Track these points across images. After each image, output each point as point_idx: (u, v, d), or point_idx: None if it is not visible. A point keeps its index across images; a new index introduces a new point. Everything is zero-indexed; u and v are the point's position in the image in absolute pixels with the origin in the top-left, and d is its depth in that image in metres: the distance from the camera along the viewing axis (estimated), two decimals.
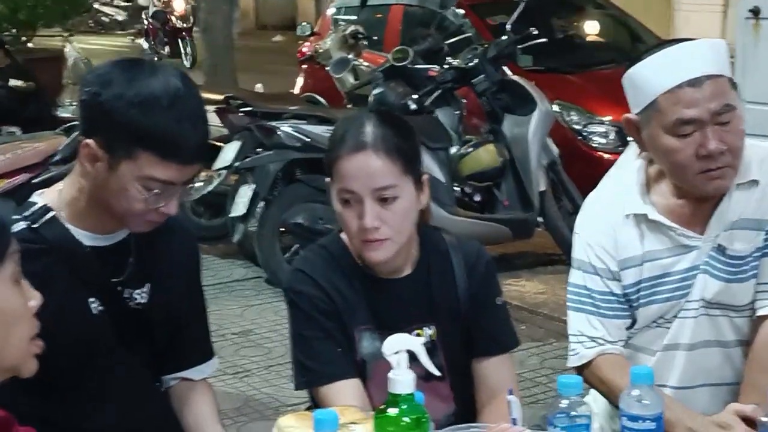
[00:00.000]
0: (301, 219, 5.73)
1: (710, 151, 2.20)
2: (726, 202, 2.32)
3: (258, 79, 9.39)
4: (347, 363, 2.20)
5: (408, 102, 6.17)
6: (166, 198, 2.03)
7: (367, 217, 2.13)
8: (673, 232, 2.33)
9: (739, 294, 2.33)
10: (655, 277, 2.35)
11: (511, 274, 6.19)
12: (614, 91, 7.58)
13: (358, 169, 2.14)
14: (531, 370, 4.76)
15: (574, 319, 2.42)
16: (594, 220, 2.42)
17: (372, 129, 2.16)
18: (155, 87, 1.97)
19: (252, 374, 4.83)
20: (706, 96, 2.19)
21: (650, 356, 2.40)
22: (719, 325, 2.36)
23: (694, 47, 2.26)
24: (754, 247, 2.31)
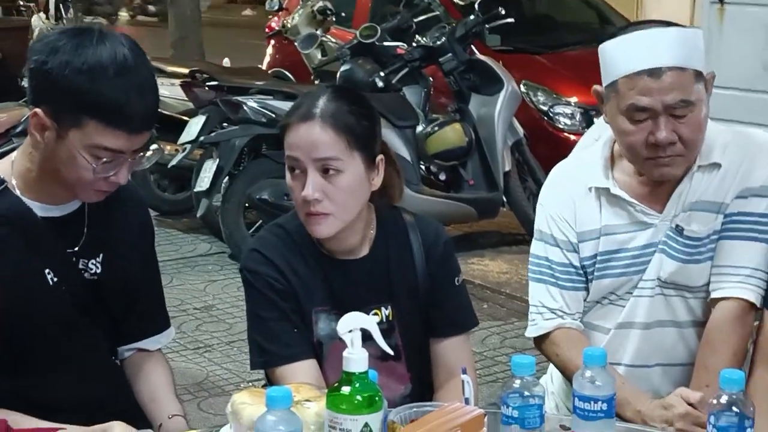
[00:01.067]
0: (266, 194, 5.71)
1: (658, 140, 2.23)
2: (686, 183, 2.34)
3: (226, 53, 9.33)
4: (303, 344, 2.21)
5: (375, 79, 6.16)
6: (115, 167, 2.02)
7: (308, 187, 2.13)
8: (632, 208, 2.36)
9: (695, 275, 2.35)
10: (611, 252, 2.38)
11: (475, 253, 6.22)
12: (581, 72, 7.70)
13: (303, 137, 2.14)
14: (492, 349, 4.79)
15: (534, 289, 2.45)
16: (557, 192, 2.46)
17: (324, 101, 2.16)
18: (102, 55, 1.96)
19: (213, 349, 4.83)
20: (663, 87, 2.20)
21: (604, 334, 2.43)
22: (674, 305, 2.38)
23: (663, 35, 2.25)
24: (711, 229, 2.33)
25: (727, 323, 2.28)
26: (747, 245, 2.30)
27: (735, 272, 2.29)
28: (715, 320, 2.31)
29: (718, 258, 2.33)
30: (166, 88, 6.87)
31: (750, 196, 2.30)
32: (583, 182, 2.41)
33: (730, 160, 2.33)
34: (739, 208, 2.31)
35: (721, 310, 2.31)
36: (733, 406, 1.75)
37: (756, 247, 2.29)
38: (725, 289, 2.30)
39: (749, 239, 2.30)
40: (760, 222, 2.30)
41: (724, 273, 2.31)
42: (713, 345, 2.29)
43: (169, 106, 6.80)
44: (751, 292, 2.28)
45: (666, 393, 2.29)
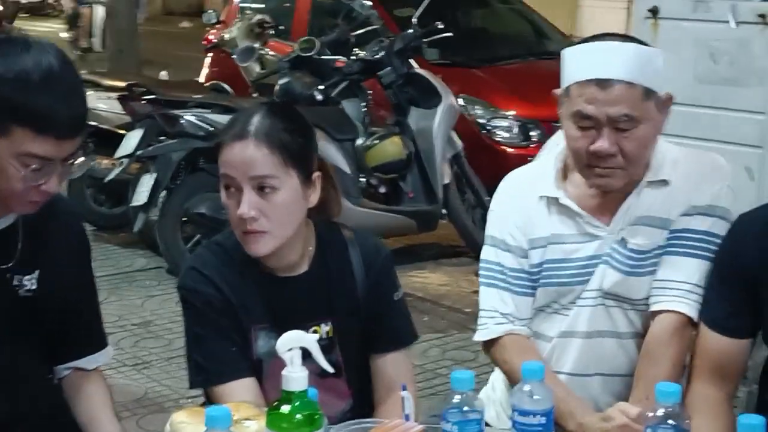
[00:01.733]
0: (204, 208, 5.67)
1: (598, 150, 2.26)
2: (634, 198, 2.37)
3: (164, 66, 9.29)
4: (242, 362, 2.19)
5: (314, 92, 6.15)
6: (46, 175, 2.00)
7: (243, 205, 2.12)
8: (581, 219, 2.39)
9: (636, 288, 2.37)
10: (557, 260, 2.41)
11: (415, 265, 6.23)
12: (518, 86, 7.76)
13: (238, 156, 2.13)
14: (432, 362, 4.79)
15: (485, 294, 2.46)
16: (510, 199, 2.49)
17: (258, 119, 2.15)
18: (27, 63, 1.94)
19: (152, 366, 4.78)
20: (609, 99, 2.23)
21: (547, 342, 2.45)
22: (615, 316, 2.40)
23: (619, 48, 2.28)
24: (655, 244, 2.35)
25: (665, 335, 2.30)
26: (689, 261, 2.32)
27: (676, 286, 2.31)
28: (654, 332, 2.33)
29: (660, 272, 2.35)
30: (102, 102, 6.81)
31: (696, 214, 2.33)
32: (535, 190, 2.44)
33: (678, 177, 2.36)
34: (685, 225, 2.34)
35: (660, 322, 2.33)
36: (670, 419, 1.76)
37: (698, 264, 2.32)
38: (665, 302, 2.32)
39: (692, 256, 2.32)
40: (704, 240, 2.32)
41: (665, 287, 2.33)
42: (652, 357, 2.31)
43: (105, 120, 6.73)
44: (691, 307, 2.30)
45: (605, 403, 2.31)
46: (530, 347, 2.41)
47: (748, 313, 2.21)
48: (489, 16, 9.01)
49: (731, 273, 2.23)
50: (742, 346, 2.24)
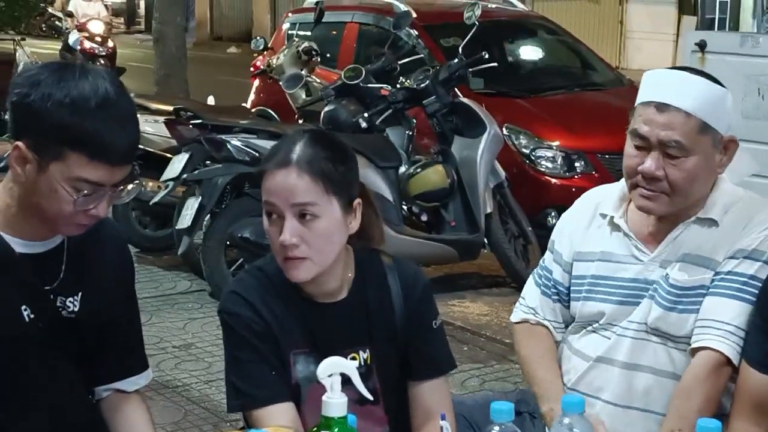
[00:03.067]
0: (248, 233, 5.70)
1: (644, 170, 2.34)
2: (681, 229, 2.42)
3: (211, 91, 9.36)
4: (281, 386, 2.20)
5: (359, 120, 6.19)
6: (96, 200, 2.03)
7: (285, 232, 2.14)
8: (629, 241, 2.46)
9: (677, 324, 2.38)
10: (602, 277, 2.49)
11: (455, 294, 6.22)
12: (563, 116, 7.75)
13: (280, 184, 2.15)
14: (471, 392, 4.77)
15: (528, 284, 2.70)
16: (576, 211, 2.62)
17: (301, 147, 2.17)
18: (84, 88, 1.97)
19: (191, 389, 4.80)
20: (663, 123, 2.31)
21: (585, 362, 2.50)
22: (656, 352, 2.42)
23: (687, 79, 2.38)
24: (698, 282, 2.37)
25: (703, 372, 2.31)
26: (733, 303, 2.33)
27: (718, 326, 2.32)
28: (692, 368, 2.34)
29: (703, 312, 2.36)
30: (149, 125, 6.89)
31: (742, 258, 2.35)
32: (599, 207, 2.55)
33: (728, 219, 2.39)
34: (730, 267, 2.36)
35: (699, 359, 2.33)
36: None
37: (741, 307, 2.32)
38: (705, 340, 2.33)
39: (736, 298, 2.33)
40: (749, 284, 2.33)
41: (707, 326, 2.34)
42: (687, 391, 2.31)
43: (152, 143, 6.81)
44: (731, 347, 2.30)
45: None
46: (538, 333, 2.59)
47: None
48: (535, 47, 9.01)
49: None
50: None
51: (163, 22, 10.87)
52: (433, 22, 8.04)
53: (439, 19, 8.19)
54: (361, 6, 8.86)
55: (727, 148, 2.38)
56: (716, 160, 2.37)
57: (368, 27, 8.49)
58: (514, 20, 8.85)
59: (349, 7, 8.92)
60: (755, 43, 4.42)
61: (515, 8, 9.08)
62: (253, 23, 25.16)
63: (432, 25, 7.96)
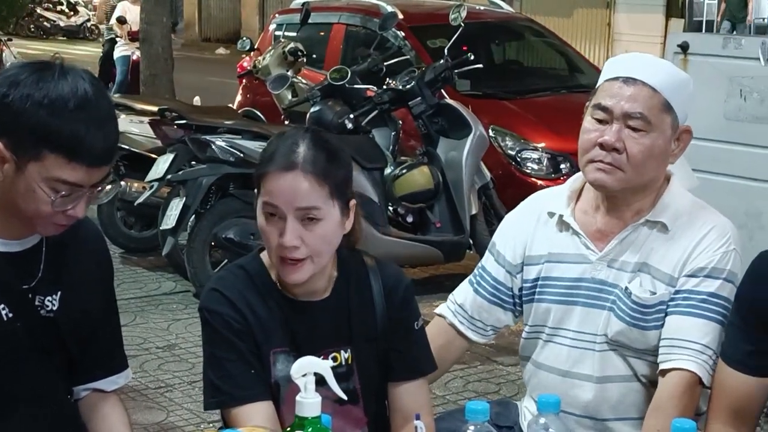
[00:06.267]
0: (232, 234, 5.70)
1: (605, 141, 2.34)
2: (630, 230, 2.42)
3: (199, 92, 9.36)
4: (260, 385, 2.19)
5: (345, 121, 6.18)
6: (74, 200, 2.02)
7: (287, 235, 2.13)
8: (578, 239, 2.46)
9: (640, 340, 2.40)
10: (549, 278, 2.49)
11: (440, 296, 6.15)
12: (549, 118, 7.75)
13: (286, 187, 2.14)
14: (454, 393, 4.78)
15: (463, 282, 2.69)
16: (521, 213, 2.61)
17: (304, 149, 2.16)
18: (64, 89, 1.97)
19: (174, 389, 4.79)
20: (629, 95, 2.33)
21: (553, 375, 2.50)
22: (621, 362, 2.43)
23: (654, 60, 2.43)
24: (659, 299, 2.37)
25: (677, 391, 2.30)
26: (699, 322, 2.33)
27: (687, 346, 2.32)
28: (664, 388, 2.33)
29: (669, 330, 2.36)
30: (134, 126, 6.89)
31: (702, 277, 2.35)
32: (546, 207, 2.52)
33: (679, 230, 2.39)
34: (691, 286, 2.36)
35: (671, 378, 2.32)
36: None
37: (705, 325, 2.32)
38: (676, 361, 2.32)
39: (699, 316, 2.33)
40: (709, 301, 2.33)
41: (676, 346, 2.33)
42: (661, 410, 2.30)
43: (137, 144, 6.80)
44: (701, 367, 2.30)
45: None
46: (443, 334, 2.64)
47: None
48: (522, 49, 9.03)
49: (752, 311, 2.22)
50: (762, 385, 2.23)
51: (149, 23, 10.84)
52: (420, 24, 8.05)
53: (426, 20, 8.20)
54: (348, 7, 8.87)
55: (681, 138, 2.40)
56: (671, 147, 2.38)
57: (354, 28, 8.49)
58: (500, 22, 8.87)
59: (336, 8, 8.92)
60: (737, 44, 4.43)
61: (502, 10, 9.09)
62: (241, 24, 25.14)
63: (418, 27, 7.97)
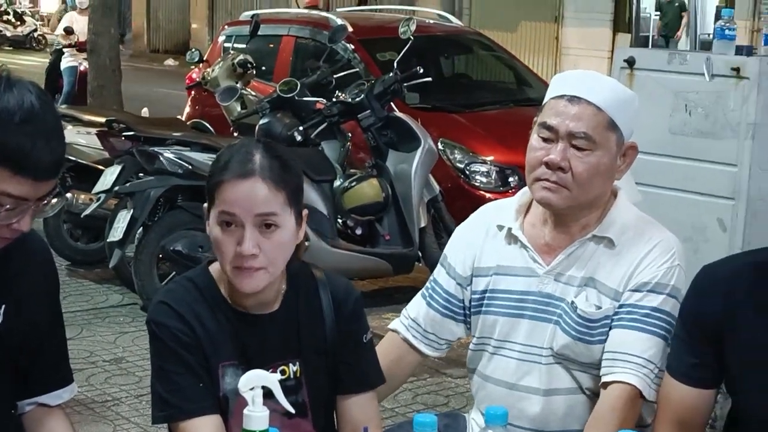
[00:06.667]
0: (180, 246, 5.66)
1: (550, 160, 2.36)
2: (577, 245, 2.44)
3: (147, 103, 9.30)
4: (208, 399, 2.18)
5: (294, 133, 6.18)
6: (18, 214, 2.00)
7: (246, 243, 2.12)
8: (526, 252, 2.48)
9: (585, 354, 2.42)
10: (497, 291, 2.51)
11: (389, 308, 6.22)
12: (498, 131, 7.80)
13: (244, 194, 2.13)
14: (403, 405, 4.78)
15: (416, 295, 2.69)
16: (471, 225, 2.62)
17: (259, 157, 2.16)
18: (9, 102, 1.94)
19: (121, 403, 4.75)
20: (573, 114, 2.35)
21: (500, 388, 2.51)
22: (566, 375, 2.45)
23: (599, 78, 2.43)
24: (604, 314, 2.40)
25: (617, 403, 2.33)
26: (641, 336, 2.35)
27: (628, 359, 2.34)
28: (605, 401, 2.35)
29: (611, 344, 2.38)
30: (82, 137, 6.83)
31: (646, 291, 2.38)
32: (496, 220, 2.54)
33: (625, 245, 2.42)
34: (635, 300, 2.38)
35: (612, 391, 2.35)
36: None
37: (648, 339, 2.35)
38: (617, 374, 2.34)
39: (644, 331, 2.36)
40: (652, 316, 2.36)
41: (618, 359, 2.36)
42: (601, 423, 2.33)
43: (84, 155, 6.74)
44: (642, 380, 2.33)
45: None
46: (396, 349, 2.64)
47: (712, 363, 2.22)
48: (471, 63, 9.08)
49: (696, 324, 2.24)
50: (706, 397, 2.26)
51: (97, 33, 10.76)
52: (370, 37, 8.07)
53: (376, 33, 8.23)
54: (297, 19, 8.87)
55: (627, 154, 2.43)
56: (617, 163, 2.41)
57: (304, 40, 8.50)
58: (450, 36, 8.91)
59: (285, 21, 8.92)
60: (683, 60, 4.50)
61: (451, 24, 9.14)
62: (190, 36, 25.04)
63: (368, 40, 7.99)
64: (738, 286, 2.19)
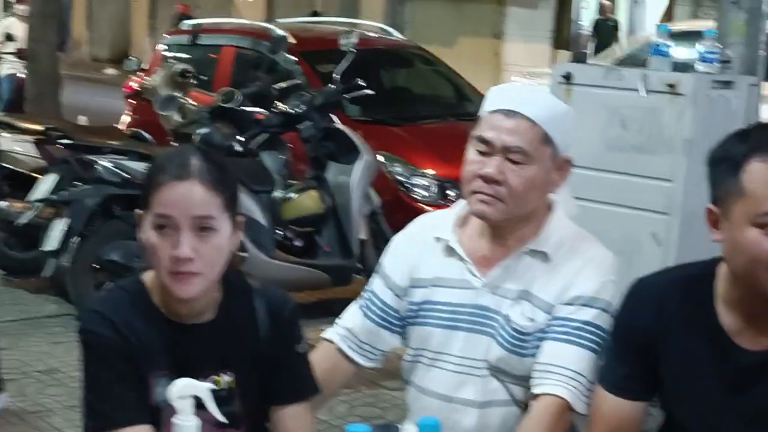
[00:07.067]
0: (116, 256, 5.61)
1: (485, 174, 2.37)
2: (513, 259, 2.45)
3: (86, 111, 9.21)
4: (140, 408, 2.16)
5: (233, 143, 6.15)
6: None
7: (183, 246, 2.10)
8: (463, 265, 2.48)
9: (518, 367, 2.43)
10: (434, 302, 2.51)
11: (328, 320, 6.12)
12: (438, 145, 7.84)
13: (181, 196, 2.11)
14: (339, 417, 4.77)
15: (351, 304, 2.71)
16: (409, 235, 2.62)
17: (197, 161, 2.15)
18: None
19: (54, 414, 4.68)
20: (509, 129, 2.36)
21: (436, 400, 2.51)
22: (501, 387, 2.47)
23: (534, 91, 2.48)
24: (538, 327, 2.42)
25: (546, 416, 2.34)
26: (572, 349, 2.37)
27: (558, 371, 2.36)
28: (536, 414, 2.36)
29: (542, 356, 2.39)
30: (18, 145, 6.74)
31: (579, 305, 2.40)
32: (433, 232, 2.54)
33: (560, 259, 2.43)
34: (567, 313, 2.40)
35: (541, 403, 2.36)
36: None
37: (578, 352, 2.37)
38: (547, 386, 2.36)
39: (573, 343, 2.37)
40: (584, 329, 2.38)
41: (548, 371, 2.37)
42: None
43: (20, 163, 6.66)
44: (572, 393, 2.34)
45: None
46: (330, 359, 2.64)
47: (644, 376, 2.25)
48: (412, 76, 9.11)
49: (628, 336, 2.27)
50: (638, 410, 2.28)
51: (35, 40, 10.64)
52: (311, 48, 8.07)
53: (317, 45, 8.22)
54: (239, 30, 8.84)
55: (562, 168, 2.45)
56: (552, 177, 2.43)
57: (245, 51, 8.46)
58: (391, 49, 8.94)
59: (226, 31, 8.89)
60: (619, 76, 4.55)
61: (392, 37, 9.18)
62: (131, 44, 24.85)
63: (310, 51, 7.98)
64: (670, 299, 2.22)
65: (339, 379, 2.69)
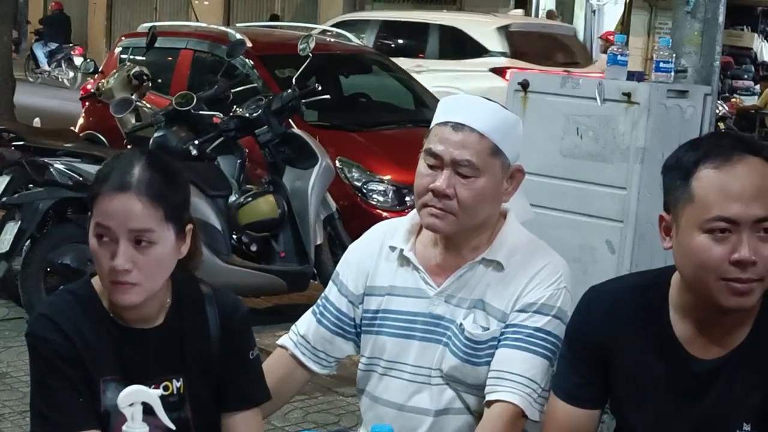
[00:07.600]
0: (68, 259, 5.56)
1: (435, 188, 2.36)
2: (467, 268, 2.45)
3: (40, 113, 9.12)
4: (88, 414, 2.14)
5: (189, 147, 6.10)
6: None
7: (119, 258, 2.09)
8: (417, 274, 2.48)
9: (472, 375, 2.43)
10: (389, 311, 2.50)
11: (283, 326, 6.11)
12: (395, 151, 7.83)
13: (118, 208, 2.10)
14: (293, 424, 4.74)
15: (307, 312, 2.67)
16: (364, 243, 2.60)
17: (139, 171, 2.12)
18: None
19: (4, 419, 4.62)
20: (458, 142, 2.35)
21: (390, 409, 2.50)
22: (457, 396, 2.46)
23: (483, 103, 2.43)
24: (492, 335, 2.41)
25: (499, 423, 2.34)
26: (524, 356, 2.37)
27: (511, 378, 2.36)
28: (489, 420, 2.36)
29: (496, 363, 2.40)
30: None
31: (532, 312, 2.40)
32: (388, 240, 2.53)
33: (513, 268, 2.44)
34: (520, 320, 2.40)
35: (494, 410, 2.36)
36: None
37: (531, 359, 2.37)
38: (500, 392, 2.36)
39: (526, 350, 2.38)
40: (536, 336, 2.38)
41: (501, 377, 2.37)
42: None
43: None
44: (524, 399, 2.35)
45: None
46: (284, 365, 2.61)
47: (597, 383, 2.25)
48: (370, 82, 9.10)
49: (581, 344, 2.27)
50: (591, 417, 2.28)
51: None
52: (269, 53, 8.03)
53: (275, 49, 8.19)
54: (196, 33, 8.80)
55: (514, 177, 2.44)
56: (503, 187, 2.43)
57: (202, 54, 8.41)
58: (349, 55, 8.94)
59: (183, 34, 8.84)
60: (575, 84, 4.57)
61: (351, 43, 9.16)
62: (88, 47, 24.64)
63: (267, 56, 7.95)
64: (623, 307, 2.22)
65: (293, 386, 2.67)
